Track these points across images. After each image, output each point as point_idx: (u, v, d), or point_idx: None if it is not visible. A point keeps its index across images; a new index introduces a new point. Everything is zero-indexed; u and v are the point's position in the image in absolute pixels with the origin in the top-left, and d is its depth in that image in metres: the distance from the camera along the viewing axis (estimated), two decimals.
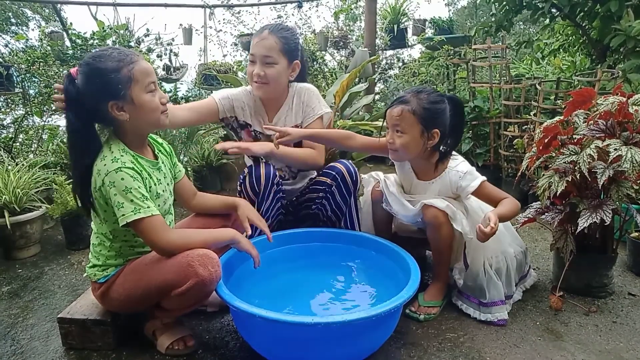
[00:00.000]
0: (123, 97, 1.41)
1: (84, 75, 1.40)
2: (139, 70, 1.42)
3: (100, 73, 1.38)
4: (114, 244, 1.55)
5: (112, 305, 1.59)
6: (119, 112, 1.43)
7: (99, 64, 1.39)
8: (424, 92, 1.77)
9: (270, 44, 1.89)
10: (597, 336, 1.67)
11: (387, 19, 5.97)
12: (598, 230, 1.91)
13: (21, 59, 3.83)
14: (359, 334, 1.39)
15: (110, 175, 1.39)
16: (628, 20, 3.03)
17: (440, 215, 1.75)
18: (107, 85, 1.39)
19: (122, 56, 1.41)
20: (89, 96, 1.40)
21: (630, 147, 1.65)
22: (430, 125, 1.75)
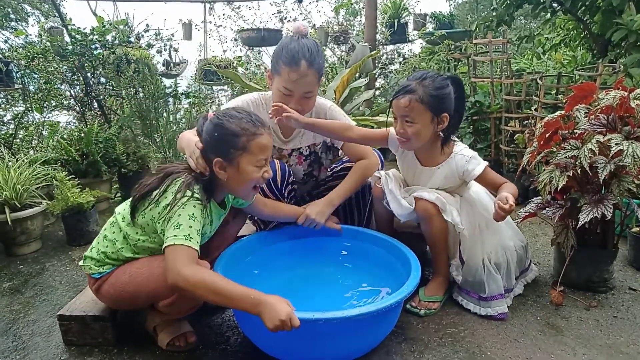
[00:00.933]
0: (229, 160, 1.46)
1: (211, 124, 1.47)
2: (256, 145, 1.47)
3: (222, 131, 1.45)
4: (123, 247, 1.52)
5: (104, 301, 1.60)
6: (220, 169, 1.47)
7: (226, 122, 1.46)
8: (427, 77, 1.74)
9: (311, 80, 1.75)
10: (597, 331, 1.67)
11: (388, 13, 5.95)
12: (599, 225, 1.91)
13: (21, 54, 3.82)
14: (360, 329, 1.39)
15: (188, 200, 1.40)
16: (630, 15, 3.02)
17: (431, 208, 1.76)
18: (222, 143, 1.45)
19: (249, 126, 1.46)
20: (204, 142, 1.48)
21: (632, 142, 1.65)
22: (439, 111, 1.73)
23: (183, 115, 4.06)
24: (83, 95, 4.00)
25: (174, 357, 1.57)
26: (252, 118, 1.49)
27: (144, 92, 3.71)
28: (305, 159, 2.01)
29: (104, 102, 4.12)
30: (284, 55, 1.72)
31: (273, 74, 1.81)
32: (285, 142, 1.98)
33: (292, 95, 1.76)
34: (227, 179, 1.48)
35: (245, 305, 1.27)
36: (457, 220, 1.76)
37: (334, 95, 3.25)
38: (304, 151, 2.00)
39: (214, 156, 1.46)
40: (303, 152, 2.00)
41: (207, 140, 1.47)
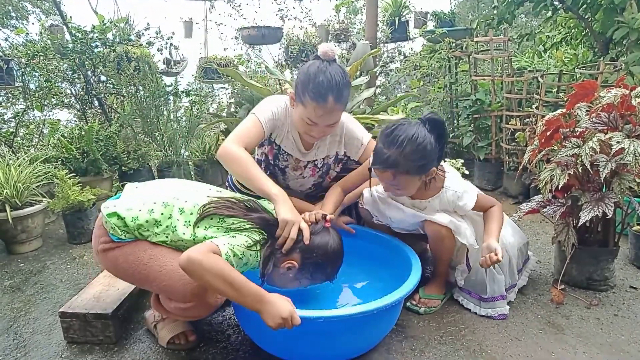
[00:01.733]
0: (299, 279, 1.51)
1: (323, 242, 1.50)
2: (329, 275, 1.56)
3: (322, 261, 1.50)
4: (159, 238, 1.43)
5: (106, 266, 1.50)
6: (286, 269, 1.48)
7: (324, 258, 1.50)
8: (406, 143, 1.57)
9: (337, 114, 1.69)
10: (598, 329, 1.67)
11: (389, 11, 5.93)
12: (600, 223, 1.91)
13: (21, 52, 3.82)
14: (360, 327, 1.39)
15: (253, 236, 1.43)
16: (631, 13, 3.01)
17: (443, 231, 1.72)
18: (312, 267, 1.49)
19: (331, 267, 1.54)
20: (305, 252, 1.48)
21: (633, 140, 1.64)
22: (425, 169, 1.65)
23: (183, 113, 4.06)
24: (83, 93, 3.99)
25: (174, 355, 1.57)
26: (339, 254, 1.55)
27: (144, 90, 3.71)
28: (319, 170, 2.00)
29: (104, 100, 4.12)
30: (311, 89, 1.62)
31: (297, 101, 1.72)
32: (304, 154, 1.94)
33: (316, 124, 1.70)
34: (278, 277, 1.51)
35: (250, 300, 1.27)
36: (471, 242, 1.73)
37: None
38: (318, 163, 1.98)
39: (294, 258, 1.47)
40: (317, 164, 1.98)
41: (306, 254, 1.47)
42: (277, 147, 1.91)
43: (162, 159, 3.68)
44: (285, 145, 1.90)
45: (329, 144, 1.93)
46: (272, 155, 1.95)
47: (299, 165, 1.96)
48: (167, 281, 1.39)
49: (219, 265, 1.25)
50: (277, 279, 1.52)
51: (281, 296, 1.30)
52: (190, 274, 1.27)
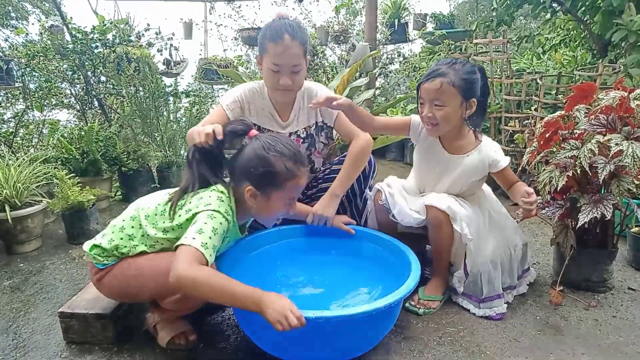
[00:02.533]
0: (262, 191, 1.49)
1: (254, 152, 1.48)
2: (294, 185, 1.51)
3: (266, 165, 1.47)
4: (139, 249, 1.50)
5: (106, 293, 1.59)
6: (250, 197, 1.49)
7: (273, 158, 1.47)
8: (457, 62, 1.77)
9: (296, 51, 1.81)
10: (597, 331, 1.68)
11: (388, 13, 5.95)
12: (598, 225, 1.92)
13: (21, 53, 3.82)
14: (359, 328, 1.40)
15: (219, 214, 1.41)
16: (630, 15, 3.02)
17: (441, 215, 1.76)
18: (262, 177, 1.47)
19: (293, 167, 1.49)
20: (243, 165, 1.49)
21: (632, 142, 1.65)
22: (468, 95, 1.75)
23: (183, 114, 4.06)
24: (83, 93, 4.00)
25: (174, 355, 1.57)
26: (297, 157, 1.51)
27: (144, 90, 3.71)
28: (303, 141, 2.06)
29: (104, 100, 4.12)
30: (268, 33, 1.81)
31: (261, 55, 1.88)
32: (283, 127, 2.03)
33: (280, 71, 1.83)
34: (254, 207, 1.51)
35: (248, 304, 1.27)
36: (465, 231, 1.75)
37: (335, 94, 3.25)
38: (301, 133, 2.05)
39: (248, 183, 1.48)
40: (300, 134, 2.05)
41: (245, 166, 1.48)
42: (257, 128, 2.01)
43: (161, 160, 3.68)
44: (263, 122, 2.01)
45: (307, 113, 2.03)
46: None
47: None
48: (154, 282, 1.44)
49: (210, 280, 1.27)
50: (260, 215, 1.56)
51: (277, 294, 1.30)
52: (184, 291, 1.33)
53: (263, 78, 1.94)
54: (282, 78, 1.84)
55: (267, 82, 1.91)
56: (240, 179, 1.51)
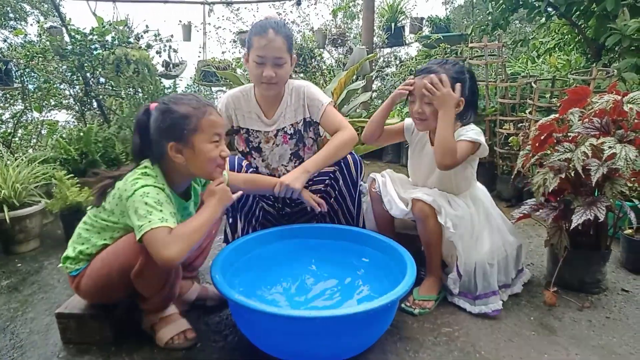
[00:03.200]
0: (184, 142, 1.49)
1: (158, 111, 1.49)
2: (207, 121, 1.50)
3: (172, 114, 1.47)
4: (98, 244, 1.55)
5: (86, 297, 1.62)
6: (176, 153, 1.50)
7: (174, 106, 1.48)
8: (448, 62, 1.87)
9: (279, 45, 1.88)
10: (590, 331, 1.70)
11: (385, 17, 5.99)
12: (592, 227, 1.94)
13: (20, 54, 3.82)
14: (355, 328, 1.41)
15: (149, 188, 1.42)
16: (624, 20, 3.06)
17: (426, 209, 1.80)
18: (173, 127, 1.47)
19: (198, 105, 1.50)
20: (155, 131, 1.50)
21: (624, 145, 1.68)
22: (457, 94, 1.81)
23: None
24: (82, 94, 4.00)
25: (172, 355, 1.58)
26: (198, 98, 1.54)
27: (143, 92, 3.73)
28: (291, 137, 2.09)
29: (103, 102, 4.13)
30: (254, 29, 1.91)
31: (248, 52, 1.94)
32: (269, 125, 2.07)
33: (264, 63, 1.89)
34: (185, 162, 1.51)
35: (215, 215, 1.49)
36: (448, 224, 1.78)
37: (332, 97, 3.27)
38: (288, 130, 2.08)
39: (168, 141, 1.48)
40: (287, 130, 2.08)
41: (157, 129, 1.49)
42: (245, 131, 2.08)
43: None
44: (250, 125, 2.07)
45: (295, 110, 2.07)
46: (244, 142, 2.10)
47: (269, 136, 2.07)
48: (116, 260, 1.48)
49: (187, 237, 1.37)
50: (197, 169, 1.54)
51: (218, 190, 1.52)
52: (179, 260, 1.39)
53: (249, 74, 2.00)
54: (265, 70, 1.89)
55: (252, 77, 1.97)
56: (158, 146, 1.51)
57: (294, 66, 2.04)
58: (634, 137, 1.72)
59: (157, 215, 1.37)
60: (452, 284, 1.86)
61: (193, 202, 1.69)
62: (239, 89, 2.10)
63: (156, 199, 1.41)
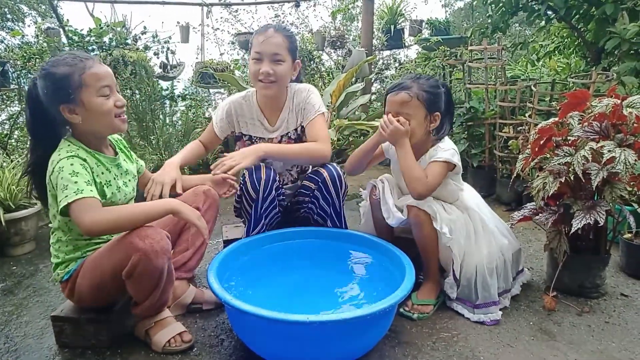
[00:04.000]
0: (73, 101, 1.48)
1: (40, 79, 1.48)
2: (90, 75, 1.48)
3: (53, 78, 1.46)
4: (70, 236, 1.58)
5: (80, 301, 1.60)
6: (71, 114, 1.50)
7: (52, 69, 1.47)
8: (422, 77, 1.88)
9: (278, 41, 1.88)
10: (589, 336, 1.69)
11: (384, 19, 5.98)
12: (591, 231, 1.93)
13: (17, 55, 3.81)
14: (353, 332, 1.40)
15: (62, 162, 1.45)
16: (623, 23, 3.06)
17: (422, 214, 1.79)
18: (58, 90, 1.47)
19: (75, 62, 1.48)
20: (44, 99, 1.49)
21: (624, 149, 1.67)
22: (432, 108, 1.83)
23: (179, 117, 4.06)
24: None
25: (167, 359, 1.56)
26: (75, 55, 1.51)
27: (140, 94, 3.71)
28: (295, 142, 2.07)
29: None
30: (255, 31, 1.95)
31: (250, 55, 1.96)
32: (272, 132, 2.05)
33: (262, 59, 1.89)
34: (82, 120, 1.51)
35: (161, 213, 1.49)
36: (444, 230, 1.77)
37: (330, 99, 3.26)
38: (291, 135, 2.07)
39: (58, 105, 1.48)
40: (291, 136, 2.07)
41: (43, 96, 1.48)
42: (248, 137, 2.06)
43: (157, 163, 3.67)
44: (253, 132, 2.05)
45: (297, 113, 2.05)
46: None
47: (273, 143, 2.05)
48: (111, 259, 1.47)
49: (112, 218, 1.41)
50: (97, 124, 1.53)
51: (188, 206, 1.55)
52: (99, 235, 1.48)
53: (249, 71, 1.98)
54: (263, 66, 1.88)
55: (251, 75, 1.96)
56: (54, 113, 1.50)
57: (297, 72, 2.02)
58: (633, 141, 1.71)
59: (72, 188, 1.40)
60: (449, 289, 1.85)
61: (124, 155, 1.72)
62: (240, 94, 2.09)
63: (70, 171, 1.43)
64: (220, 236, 2.40)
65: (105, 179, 1.56)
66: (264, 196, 1.86)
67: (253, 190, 1.84)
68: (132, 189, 1.70)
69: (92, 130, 1.56)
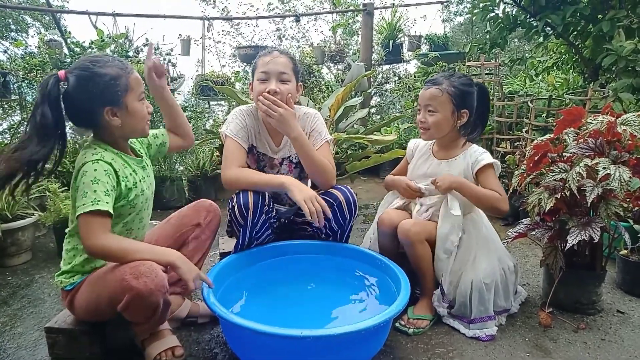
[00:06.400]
0: (118, 104, 1.48)
1: (81, 78, 1.43)
2: (134, 79, 1.51)
3: (101, 79, 1.44)
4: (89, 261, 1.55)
5: (77, 314, 1.59)
6: (113, 117, 1.49)
7: (100, 69, 1.44)
8: (455, 75, 1.93)
9: (284, 61, 1.89)
10: (585, 353, 1.68)
11: (384, 34, 6.05)
12: (587, 247, 1.93)
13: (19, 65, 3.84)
14: (348, 347, 1.39)
15: (86, 166, 1.43)
16: (619, 41, 3.09)
17: (410, 234, 1.80)
18: (106, 91, 1.45)
19: (122, 65, 1.50)
20: (84, 100, 1.45)
21: (619, 166, 1.68)
22: (460, 105, 1.88)
23: None
24: None
25: None
26: (117, 57, 1.53)
27: None
28: (295, 166, 2.06)
29: None
30: (259, 54, 1.94)
31: (252, 77, 1.94)
32: (276, 152, 2.04)
33: (268, 79, 1.87)
34: (121, 124, 1.50)
35: (160, 262, 1.41)
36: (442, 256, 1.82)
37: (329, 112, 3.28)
38: (293, 159, 2.06)
39: (101, 107, 1.46)
40: (293, 159, 2.06)
41: (84, 96, 1.44)
42: (254, 149, 2.03)
43: (156, 174, 3.68)
44: (259, 146, 2.02)
45: None
46: (254, 162, 2.04)
47: (274, 164, 2.04)
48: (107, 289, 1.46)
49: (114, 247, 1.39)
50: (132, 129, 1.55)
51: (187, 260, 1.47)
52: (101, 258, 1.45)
53: (254, 95, 1.92)
54: (269, 85, 1.85)
55: (256, 95, 1.90)
56: (91, 114, 1.48)
57: (300, 94, 2.00)
58: (627, 158, 1.73)
59: (90, 197, 1.38)
60: (436, 301, 1.85)
61: (145, 157, 1.71)
62: (247, 107, 2.03)
63: (92, 177, 1.41)
64: (217, 248, 2.40)
65: (132, 180, 1.55)
66: (253, 221, 1.82)
67: (240, 216, 1.80)
68: (151, 193, 1.69)
69: (123, 133, 1.55)
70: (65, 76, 1.45)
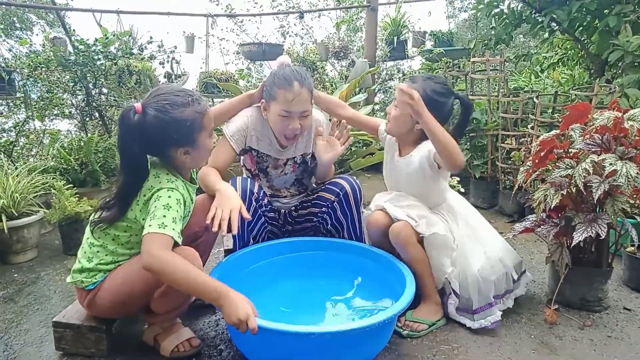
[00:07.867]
0: (192, 144, 1.51)
1: (160, 120, 1.45)
2: (207, 118, 1.54)
3: (179, 123, 1.46)
4: (117, 249, 1.54)
5: (99, 312, 1.59)
6: (185, 155, 1.53)
7: (179, 114, 1.46)
8: (433, 79, 1.89)
9: (305, 98, 1.85)
10: (591, 350, 1.67)
11: (388, 30, 6.02)
12: (593, 244, 1.92)
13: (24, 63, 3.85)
14: (352, 344, 1.39)
15: (161, 192, 1.46)
16: (626, 36, 3.06)
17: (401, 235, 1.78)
18: (182, 134, 1.48)
19: (197, 105, 1.50)
20: (160, 139, 1.48)
21: (625, 162, 1.67)
22: (436, 106, 1.78)
23: None
24: (84, 105, 4.02)
25: None
26: (190, 96, 1.51)
27: None
28: (299, 166, 2.09)
29: (104, 112, 4.14)
30: (277, 80, 1.84)
31: (268, 101, 1.89)
32: (281, 152, 2.04)
33: (290, 117, 1.85)
34: (189, 161, 1.55)
35: (208, 295, 1.36)
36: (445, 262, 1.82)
37: None
38: (297, 159, 2.08)
39: (176, 147, 1.50)
40: (297, 160, 2.08)
41: (160, 136, 1.46)
42: (256, 152, 2.02)
43: None
44: (261, 148, 2.01)
45: (306, 141, 2.07)
46: (253, 162, 2.05)
47: (279, 164, 2.05)
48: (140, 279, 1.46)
49: (173, 264, 1.33)
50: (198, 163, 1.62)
51: (243, 297, 1.36)
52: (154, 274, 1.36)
53: (271, 123, 1.92)
54: (292, 123, 1.85)
55: (276, 127, 1.91)
56: (163, 151, 1.53)
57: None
58: (634, 154, 1.71)
59: (159, 220, 1.39)
60: (451, 306, 1.83)
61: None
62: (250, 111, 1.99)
63: (165, 203, 1.43)
64: (222, 245, 2.40)
65: (190, 207, 1.63)
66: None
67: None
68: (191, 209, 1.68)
69: (191, 166, 1.61)
70: (141, 110, 1.46)
